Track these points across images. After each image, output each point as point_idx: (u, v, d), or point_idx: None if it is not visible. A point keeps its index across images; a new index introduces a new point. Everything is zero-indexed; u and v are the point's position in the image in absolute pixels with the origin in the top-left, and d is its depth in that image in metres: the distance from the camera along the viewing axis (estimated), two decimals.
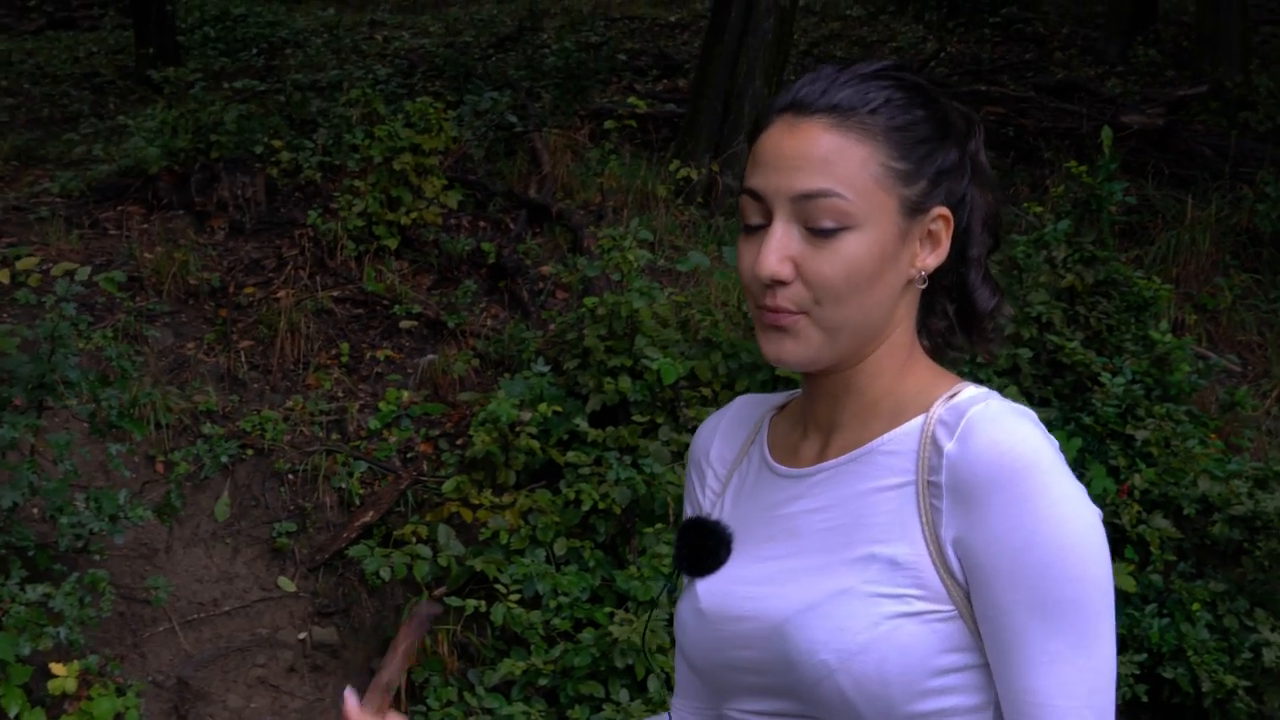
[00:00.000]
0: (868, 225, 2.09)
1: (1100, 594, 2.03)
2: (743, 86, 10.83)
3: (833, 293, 2.10)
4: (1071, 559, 2.01)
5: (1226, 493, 7.75)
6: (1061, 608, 2.01)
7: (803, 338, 2.13)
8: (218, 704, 7.06)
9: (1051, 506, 2.00)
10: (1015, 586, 2.01)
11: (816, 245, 2.09)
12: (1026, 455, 2.01)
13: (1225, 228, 10.63)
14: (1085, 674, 2.01)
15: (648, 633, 6.73)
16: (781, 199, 2.10)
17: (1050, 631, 2.01)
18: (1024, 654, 2.02)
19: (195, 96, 10.61)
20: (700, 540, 2.30)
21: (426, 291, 9.00)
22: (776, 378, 7.74)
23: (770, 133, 2.14)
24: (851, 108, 2.10)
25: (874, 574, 2.08)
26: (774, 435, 2.36)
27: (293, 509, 7.66)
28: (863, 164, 2.09)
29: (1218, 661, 7.39)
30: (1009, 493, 2.00)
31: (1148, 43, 16.48)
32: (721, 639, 2.22)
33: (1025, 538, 2.00)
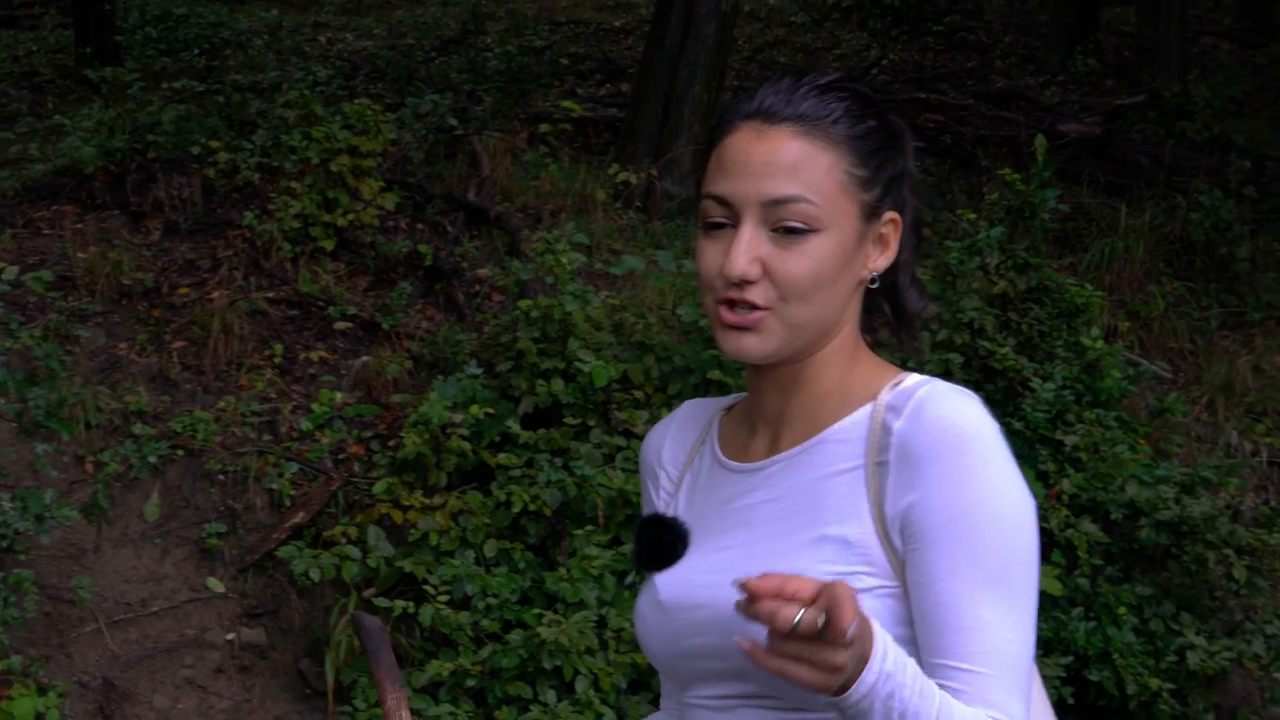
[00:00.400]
0: (832, 228, 2.19)
1: (1027, 570, 2.11)
2: (683, 91, 10.85)
3: (799, 292, 2.18)
4: (1005, 531, 2.09)
5: (1154, 498, 7.81)
6: (990, 576, 2.08)
7: (766, 334, 2.20)
8: (144, 704, 7.04)
9: (990, 479, 2.10)
10: (948, 552, 2.09)
11: (783, 247, 2.17)
12: (969, 430, 2.11)
13: (1159, 236, 10.71)
14: (1013, 641, 2.08)
15: (576, 634, 6.73)
16: (751, 203, 2.18)
17: (981, 600, 2.08)
18: (950, 620, 2.09)
19: (133, 96, 10.57)
20: (658, 536, 2.35)
21: (362, 293, 8.99)
22: (709, 381, 7.76)
23: (735, 138, 2.23)
24: (816, 117, 2.20)
25: (827, 554, 2.15)
26: (724, 434, 2.43)
27: (223, 510, 7.64)
28: (828, 170, 2.18)
29: (1143, 664, 7.46)
30: (951, 463, 2.10)
31: (1088, 52, 16.57)
32: (679, 629, 2.28)
33: (962, 505, 2.09)
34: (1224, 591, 7.89)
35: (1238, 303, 10.54)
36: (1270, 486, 9.03)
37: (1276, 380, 9.76)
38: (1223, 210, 10.59)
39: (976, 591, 2.08)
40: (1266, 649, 7.70)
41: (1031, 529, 2.13)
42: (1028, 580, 2.11)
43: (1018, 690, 2.08)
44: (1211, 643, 7.59)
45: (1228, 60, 17.26)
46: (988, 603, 2.08)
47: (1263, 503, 8.80)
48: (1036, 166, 8.75)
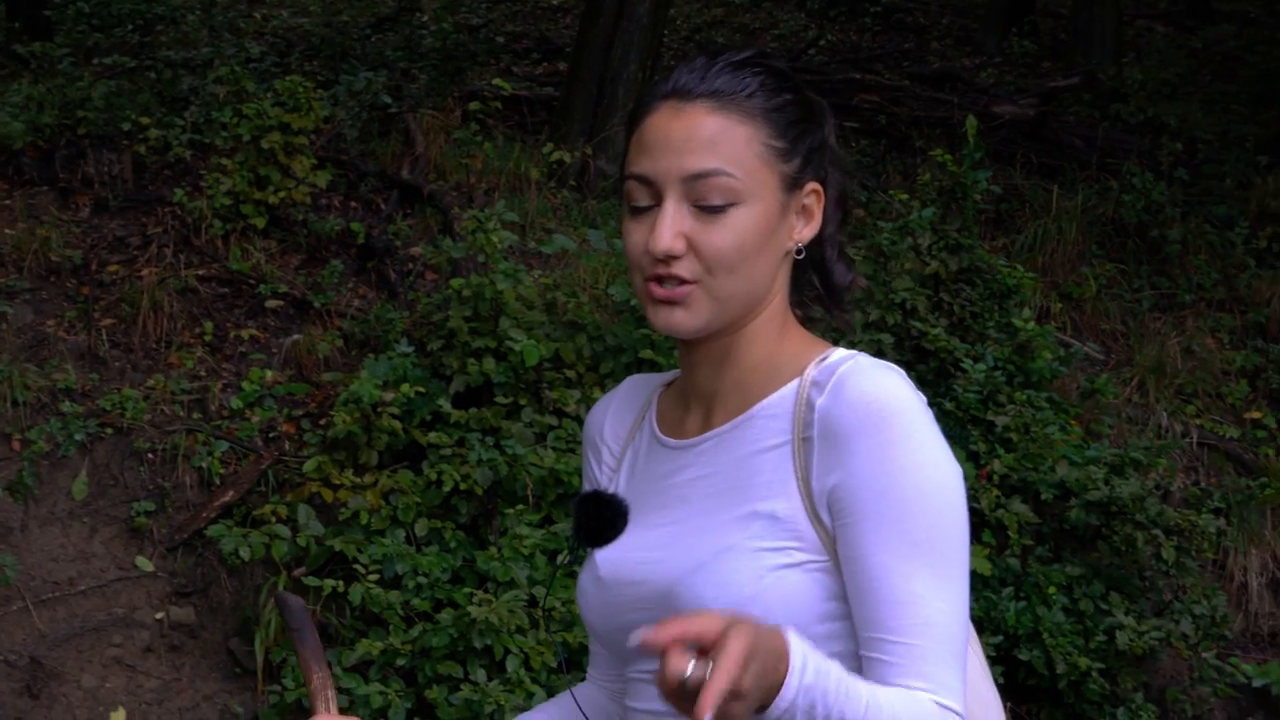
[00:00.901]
0: (753, 200, 2.22)
1: (956, 541, 2.14)
2: (617, 71, 10.83)
3: (724, 264, 2.21)
4: (932, 504, 2.12)
5: (1084, 478, 7.85)
6: (921, 549, 2.11)
7: (694, 308, 2.24)
8: (71, 684, 6.99)
9: (914, 453, 2.12)
10: (877, 528, 2.11)
11: (706, 221, 2.21)
12: (892, 404, 2.14)
13: (1091, 218, 10.76)
14: (944, 613, 2.11)
15: (506, 613, 6.72)
16: (672, 180, 2.21)
17: (910, 573, 2.10)
18: (882, 594, 2.11)
19: (63, 72, 10.47)
20: (598, 512, 2.38)
21: (293, 271, 8.93)
22: (641, 360, 7.76)
23: (654, 118, 2.26)
24: (730, 92, 2.23)
25: (756, 530, 2.18)
26: (662, 410, 2.46)
27: (152, 488, 7.59)
28: (747, 143, 2.22)
29: (1073, 644, 7.50)
30: (874, 438, 2.12)
31: (1024, 34, 16.64)
32: (619, 604, 2.31)
33: (888, 481, 2.11)
34: (1153, 572, 7.95)
35: (1169, 285, 10.60)
36: (1200, 468, 9.10)
37: (1207, 362, 9.83)
38: (1154, 193, 10.64)
39: (906, 565, 2.10)
40: (1195, 629, 7.77)
41: (959, 501, 2.15)
42: (957, 552, 2.14)
43: (951, 661, 2.11)
44: (1140, 622, 7.64)
45: (1162, 43, 17.35)
46: (917, 575, 2.10)
47: (1192, 484, 8.86)
48: (968, 147, 8.78)
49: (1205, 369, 9.79)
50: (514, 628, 6.76)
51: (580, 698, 2.57)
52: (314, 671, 2.43)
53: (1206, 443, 9.19)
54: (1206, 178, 12.01)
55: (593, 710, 2.56)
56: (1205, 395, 9.68)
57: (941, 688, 2.09)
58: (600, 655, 2.56)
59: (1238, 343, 10.24)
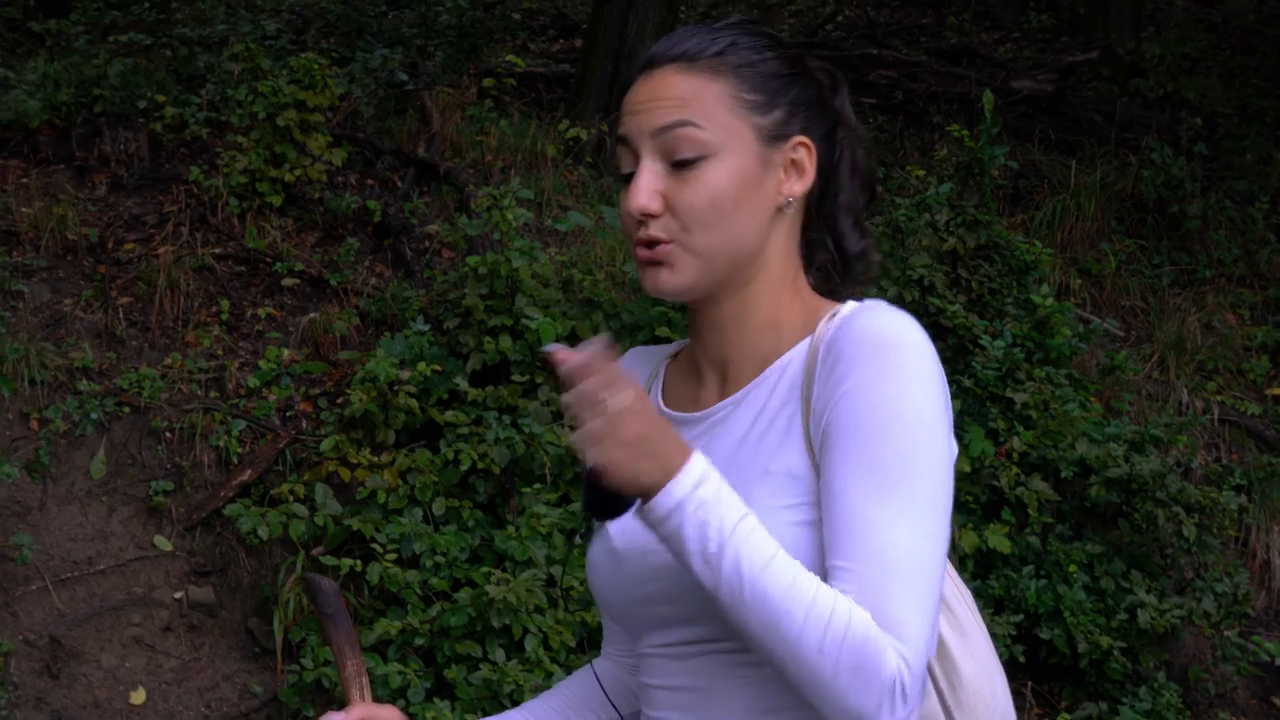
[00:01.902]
0: (725, 153, 2.22)
1: (931, 475, 2.08)
2: (632, 47, 10.79)
3: (699, 219, 2.21)
4: (909, 434, 2.08)
5: (1104, 455, 7.82)
6: (890, 476, 2.06)
7: (678, 266, 2.23)
8: (91, 663, 7.00)
9: (901, 383, 2.08)
10: (848, 451, 2.08)
11: (681, 178, 2.21)
12: (891, 336, 2.11)
13: (1110, 193, 10.71)
14: (905, 543, 2.05)
15: (525, 593, 6.71)
16: (644, 138, 2.23)
17: (875, 498, 2.06)
18: (841, 515, 2.07)
19: (79, 50, 10.45)
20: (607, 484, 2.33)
21: (310, 249, 8.92)
22: (658, 339, 7.73)
23: (634, 88, 2.28)
24: (699, 52, 2.25)
25: (772, 488, 2.15)
26: (669, 384, 2.44)
27: (170, 467, 7.59)
28: (716, 98, 2.22)
29: (1094, 623, 7.48)
30: (867, 365, 2.10)
31: (1042, 9, 16.56)
32: (633, 575, 2.29)
33: (868, 406, 2.08)
34: (1174, 549, 7.92)
35: (1189, 260, 10.56)
36: (1220, 444, 9.06)
37: (1227, 338, 9.79)
38: (1174, 168, 10.60)
39: (869, 490, 2.06)
40: (1216, 607, 7.73)
41: (940, 437, 2.11)
42: (931, 486, 2.08)
43: (906, 595, 2.03)
44: (1162, 601, 7.61)
45: (1181, 17, 17.25)
46: (878, 502, 2.05)
47: (1213, 460, 8.83)
48: (985, 123, 8.73)
49: (1226, 345, 9.75)
50: (532, 607, 6.75)
51: (599, 673, 2.57)
52: (348, 658, 2.40)
53: (1228, 419, 9.15)
54: (1226, 153, 11.94)
55: (611, 685, 2.56)
56: (1226, 371, 9.64)
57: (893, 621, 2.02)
58: (614, 630, 2.56)
59: (1259, 318, 10.20)
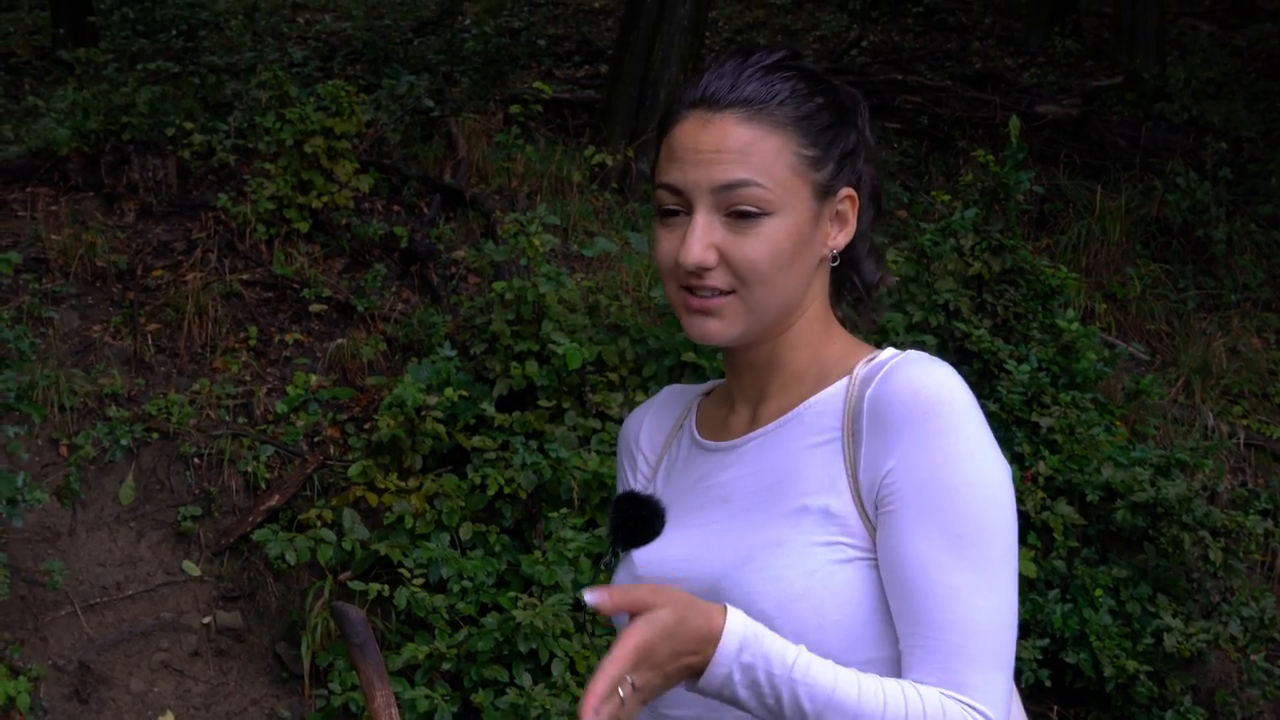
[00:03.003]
0: (785, 211, 2.19)
1: (999, 538, 2.09)
2: (658, 73, 10.83)
3: (757, 275, 2.19)
4: (975, 497, 2.07)
5: (1129, 479, 7.81)
6: (960, 542, 2.06)
7: (729, 319, 2.22)
8: (120, 688, 7.03)
9: (959, 444, 2.08)
10: (918, 517, 2.08)
11: (737, 231, 2.19)
12: (941, 394, 2.10)
13: (1135, 218, 10.72)
14: (983, 611, 2.05)
15: (551, 617, 6.73)
16: (702, 191, 2.19)
17: (950, 566, 2.06)
18: (917, 585, 2.07)
19: (108, 77, 10.53)
20: (635, 512, 2.36)
21: (337, 275, 8.96)
22: (684, 363, 7.75)
23: (683, 128, 2.23)
24: (761, 101, 2.21)
25: (808, 525, 2.15)
26: (702, 416, 2.45)
27: (198, 493, 7.62)
28: (777, 154, 2.19)
29: (1120, 647, 7.46)
30: (921, 427, 2.09)
31: (1067, 34, 16.58)
32: None
33: (932, 470, 2.08)
34: (1200, 573, 7.90)
35: (1214, 284, 10.56)
36: (1246, 468, 9.04)
37: (1253, 362, 9.78)
38: (1199, 192, 10.60)
39: (944, 557, 2.07)
40: (1243, 631, 7.71)
41: (1006, 498, 2.11)
42: (1002, 549, 2.09)
43: (987, 663, 2.05)
44: (1188, 625, 7.60)
45: (1206, 41, 17.27)
46: (956, 569, 2.06)
47: (1239, 484, 8.81)
48: (1011, 148, 8.74)
49: (1251, 369, 9.74)
50: (559, 631, 6.76)
51: None
52: (376, 689, 2.42)
53: (1253, 443, 9.13)
54: (1252, 177, 11.95)
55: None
56: (1252, 395, 9.63)
57: (977, 691, 2.04)
58: None
59: None
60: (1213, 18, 18.92)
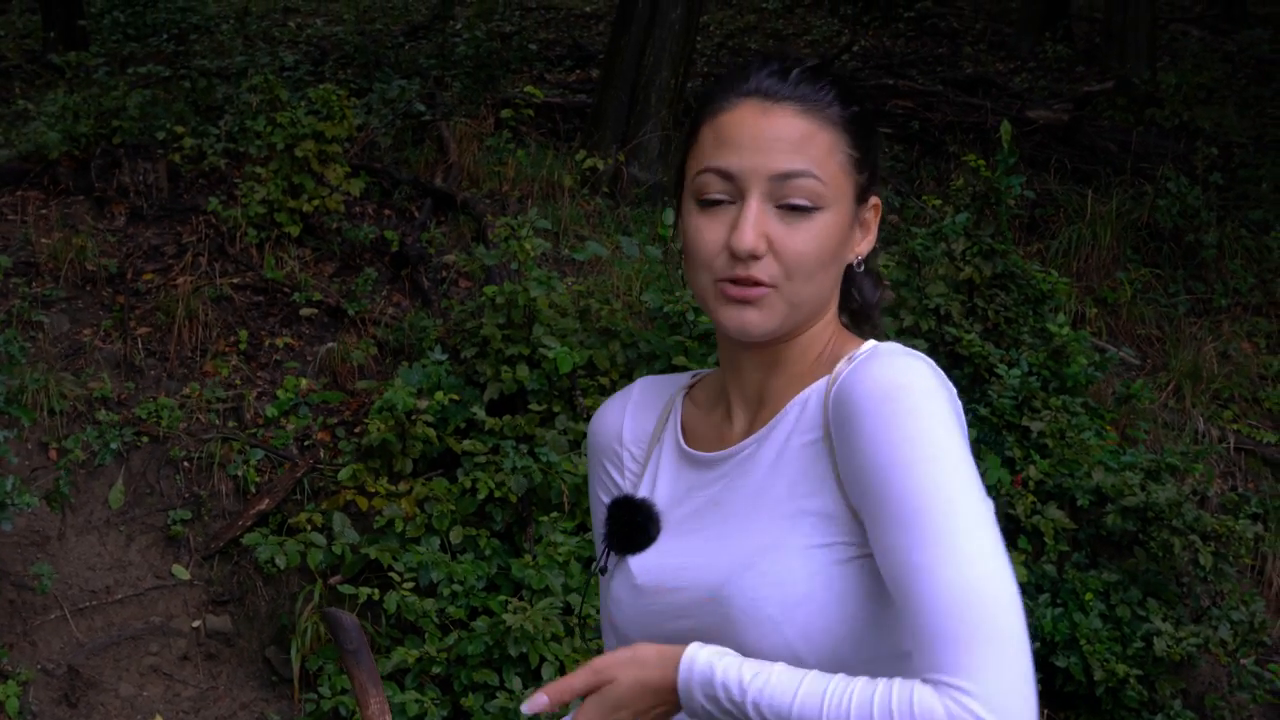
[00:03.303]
0: (834, 207, 2.21)
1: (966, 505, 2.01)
2: (650, 77, 10.83)
3: (804, 269, 2.19)
4: (930, 470, 2.02)
5: (1120, 484, 7.81)
6: (924, 516, 2.01)
7: (768, 310, 2.20)
8: (109, 692, 7.01)
9: (916, 423, 2.04)
10: (882, 504, 2.05)
11: (789, 223, 2.18)
12: (898, 380, 2.08)
13: (1126, 223, 10.73)
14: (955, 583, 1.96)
15: (541, 621, 6.72)
16: (759, 178, 2.18)
17: (915, 544, 2.00)
18: (894, 572, 2.02)
19: (99, 81, 10.51)
20: (630, 518, 2.35)
21: (328, 279, 8.96)
22: (674, 368, 7.75)
23: (737, 114, 2.22)
24: (815, 99, 2.21)
25: (806, 528, 2.15)
26: (688, 419, 2.41)
27: (188, 496, 7.61)
28: (830, 151, 2.20)
29: (1110, 651, 7.47)
30: (876, 413, 2.07)
31: (1058, 39, 16.60)
32: (658, 612, 2.28)
33: (890, 453, 2.05)
34: (1190, 578, 7.91)
35: (1205, 289, 10.57)
36: (1237, 473, 9.05)
37: (1243, 367, 9.79)
38: (1190, 197, 10.61)
39: (907, 537, 2.01)
40: (1233, 635, 7.72)
41: (964, 471, 2.04)
42: (969, 517, 2.01)
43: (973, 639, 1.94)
44: (1178, 629, 7.60)
45: (1197, 47, 17.30)
46: (919, 546, 1.99)
47: (1229, 489, 8.82)
48: (1002, 153, 8.75)
49: (1242, 373, 9.75)
50: (549, 635, 6.75)
51: None
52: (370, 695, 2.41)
53: (1244, 448, 9.14)
54: (1242, 182, 11.96)
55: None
56: (1242, 400, 9.63)
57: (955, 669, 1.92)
58: None
59: (1274, 347, 10.20)
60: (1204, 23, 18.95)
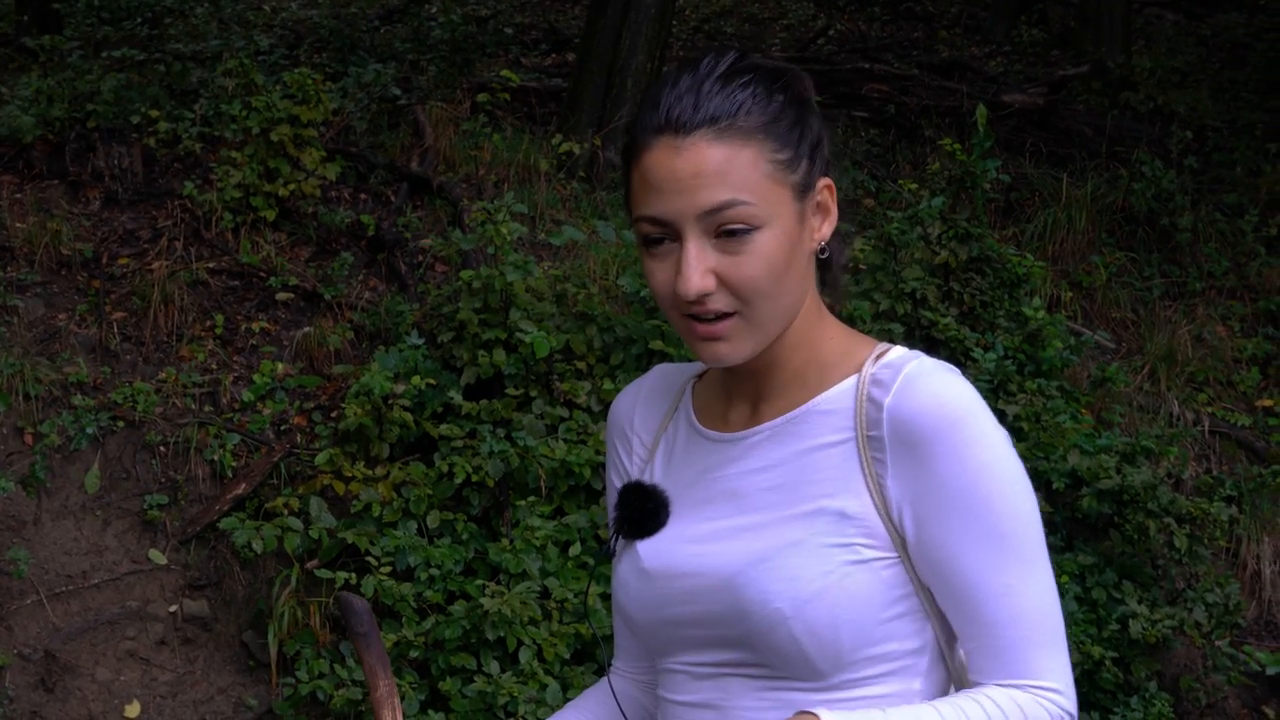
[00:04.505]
0: (772, 221, 2.17)
1: (1034, 527, 2.18)
2: (626, 61, 10.82)
3: (758, 292, 2.18)
4: (1011, 495, 2.16)
5: (1095, 467, 7.84)
6: (1007, 541, 2.15)
7: (736, 339, 2.20)
8: (86, 677, 7.01)
9: (989, 450, 2.15)
10: (964, 528, 2.15)
11: (730, 251, 2.16)
12: (963, 406, 2.15)
13: (1101, 206, 10.74)
14: (1036, 599, 2.16)
15: (519, 605, 6.73)
16: (688, 219, 2.15)
17: (1000, 565, 2.15)
18: (979, 590, 2.16)
19: (73, 65, 10.47)
20: (640, 503, 2.37)
21: (304, 264, 8.94)
22: (651, 351, 7.76)
23: (654, 156, 2.18)
24: (727, 115, 2.16)
25: (823, 526, 2.18)
26: (699, 402, 2.43)
27: (164, 481, 7.60)
28: (753, 165, 2.16)
29: (1086, 633, 7.50)
30: (951, 440, 2.14)
31: (1033, 23, 16.60)
32: (666, 596, 2.30)
33: (970, 480, 2.14)
34: (1166, 560, 7.94)
35: (1179, 273, 10.59)
36: (1211, 456, 9.08)
37: (1217, 350, 9.82)
38: (1164, 181, 10.63)
39: (994, 559, 2.15)
40: (1208, 617, 7.76)
41: (1029, 489, 2.20)
42: (1039, 540, 2.18)
43: (1048, 644, 2.16)
44: (1153, 611, 7.64)
45: (1171, 31, 17.32)
46: (1006, 568, 2.15)
47: (1204, 472, 8.86)
48: (977, 136, 8.77)
49: (1216, 357, 9.78)
50: (526, 619, 6.77)
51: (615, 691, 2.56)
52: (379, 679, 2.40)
53: (1218, 430, 9.18)
54: (1216, 165, 11.99)
55: (627, 704, 2.55)
56: (1216, 383, 9.67)
57: (1045, 673, 2.15)
58: (631, 647, 2.55)
59: (1249, 330, 10.23)
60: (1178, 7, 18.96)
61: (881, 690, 2.20)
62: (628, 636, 2.54)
